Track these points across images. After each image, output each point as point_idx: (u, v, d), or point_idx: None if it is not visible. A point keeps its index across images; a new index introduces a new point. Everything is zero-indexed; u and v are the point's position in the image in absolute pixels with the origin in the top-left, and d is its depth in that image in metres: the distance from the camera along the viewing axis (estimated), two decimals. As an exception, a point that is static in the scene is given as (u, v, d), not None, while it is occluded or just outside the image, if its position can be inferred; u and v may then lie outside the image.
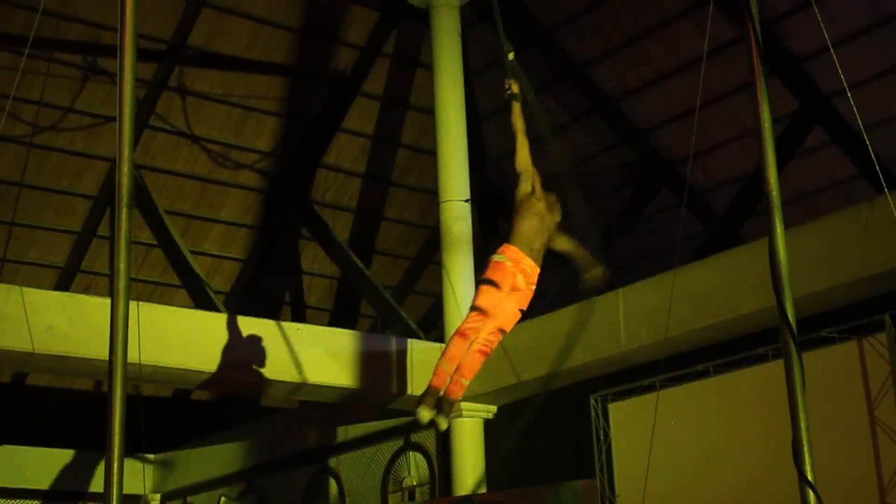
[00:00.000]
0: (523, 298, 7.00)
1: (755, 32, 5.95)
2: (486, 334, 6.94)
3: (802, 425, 5.48)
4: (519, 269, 6.93)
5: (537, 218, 7.04)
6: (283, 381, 11.57)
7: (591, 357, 11.09)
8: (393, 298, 14.56)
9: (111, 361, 5.18)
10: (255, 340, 11.40)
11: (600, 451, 11.24)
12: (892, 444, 9.11)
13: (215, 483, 15.76)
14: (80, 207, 14.88)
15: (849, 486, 9.04)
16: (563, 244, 7.23)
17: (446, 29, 13.42)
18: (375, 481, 13.68)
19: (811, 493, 5.39)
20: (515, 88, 7.16)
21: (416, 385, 12.07)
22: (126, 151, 5.43)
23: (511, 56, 7.30)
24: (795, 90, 13.14)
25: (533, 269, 6.98)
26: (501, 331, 7.00)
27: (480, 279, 7.02)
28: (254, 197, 15.72)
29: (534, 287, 7.00)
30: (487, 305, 6.87)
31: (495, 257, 7.00)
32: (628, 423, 11.01)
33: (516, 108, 7.17)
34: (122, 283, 5.27)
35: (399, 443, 13.54)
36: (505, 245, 7.02)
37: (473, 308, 6.93)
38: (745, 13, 5.98)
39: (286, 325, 12.20)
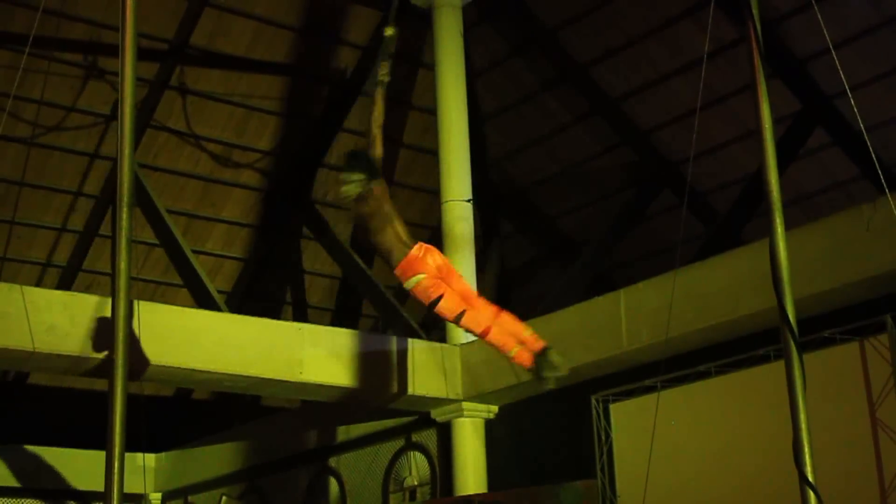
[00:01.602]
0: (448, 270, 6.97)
1: (756, 33, 5.96)
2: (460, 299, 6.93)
3: (803, 426, 5.48)
4: (422, 262, 6.88)
5: (384, 218, 6.99)
6: (284, 381, 11.57)
7: (593, 357, 11.08)
8: (394, 298, 14.55)
9: (112, 360, 5.18)
10: (257, 340, 11.40)
11: (601, 452, 11.24)
12: (894, 446, 9.11)
13: (216, 482, 15.76)
14: (81, 207, 14.90)
15: (850, 487, 9.03)
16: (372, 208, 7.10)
17: (448, 29, 13.41)
18: (376, 481, 13.68)
19: (812, 494, 5.40)
20: (384, 72, 6.93)
21: (417, 385, 12.06)
22: (127, 151, 5.44)
23: (390, 33, 6.96)
24: (797, 91, 13.14)
25: (423, 250, 6.92)
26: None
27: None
28: (255, 196, 15.73)
29: (408, 284, 6.93)
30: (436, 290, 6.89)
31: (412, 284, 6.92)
32: (629, 424, 11.00)
33: (382, 94, 7.01)
34: (122, 282, 5.28)
35: (400, 443, 13.54)
36: (397, 272, 6.95)
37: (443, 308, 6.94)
38: (747, 14, 5.98)
39: (287, 324, 12.19)
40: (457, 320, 6.89)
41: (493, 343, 6.89)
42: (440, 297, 6.82)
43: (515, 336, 6.85)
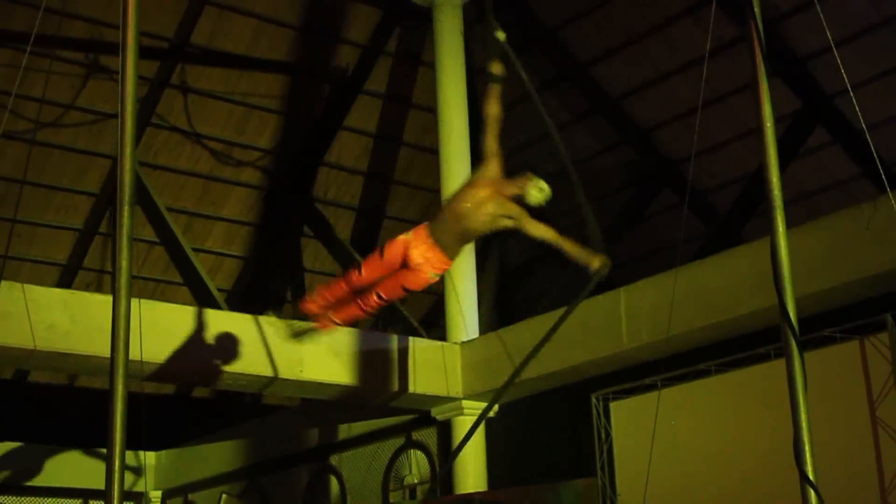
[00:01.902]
0: (413, 278, 6.81)
1: (757, 32, 5.95)
2: (367, 293, 6.93)
3: (804, 425, 5.48)
4: (417, 246, 6.75)
5: (469, 205, 6.72)
6: (284, 379, 11.57)
7: (593, 356, 11.09)
8: (394, 297, 14.53)
9: (113, 359, 5.18)
10: (257, 338, 11.40)
11: (601, 450, 11.24)
12: (894, 444, 9.11)
13: (217, 480, 15.77)
14: (82, 205, 14.90)
15: (850, 486, 9.03)
16: (539, 231, 6.86)
17: (448, 27, 13.42)
18: (377, 479, 13.69)
19: (812, 493, 5.39)
20: (497, 70, 6.92)
21: (417, 383, 12.07)
22: (128, 149, 5.43)
23: (500, 36, 7.04)
24: (798, 90, 13.13)
25: (435, 254, 6.75)
26: (380, 296, 6.92)
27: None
28: (256, 195, 15.73)
29: (430, 274, 6.81)
30: (365, 269, 6.91)
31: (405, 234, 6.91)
32: (630, 422, 11.01)
33: (495, 90, 6.96)
34: (123, 280, 5.27)
35: (400, 441, 13.55)
36: (422, 225, 6.85)
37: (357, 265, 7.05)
38: (748, 12, 5.98)
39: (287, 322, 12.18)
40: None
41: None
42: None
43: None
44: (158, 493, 16.45)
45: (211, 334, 11.06)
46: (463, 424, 12.40)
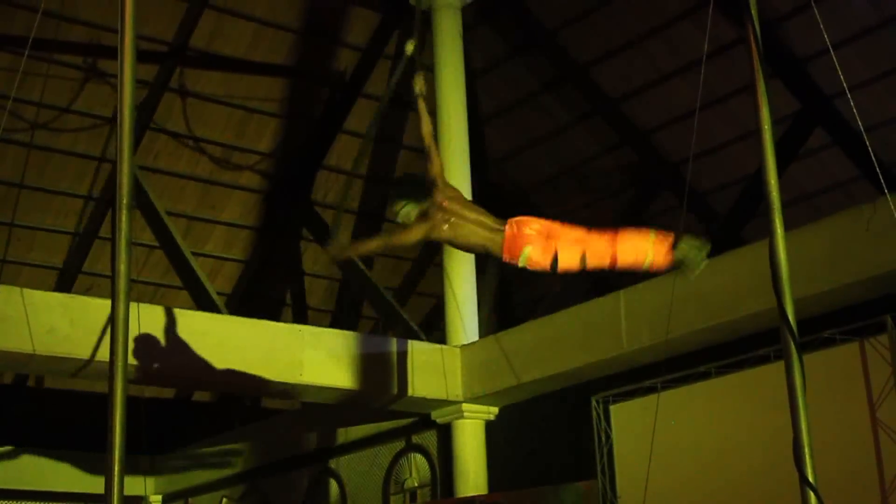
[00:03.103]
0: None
1: (755, 33, 5.94)
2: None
3: (803, 427, 5.47)
4: (522, 236, 6.63)
5: (462, 221, 6.66)
6: (284, 383, 11.56)
7: (593, 358, 11.08)
8: (394, 300, 14.55)
9: (112, 362, 5.18)
10: (257, 342, 11.39)
11: (602, 453, 11.24)
12: (894, 446, 9.10)
13: (217, 484, 15.75)
14: (80, 209, 14.90)
15: (850, 488, 9.03)
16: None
17: (448, 30, 13.42)
18: (377, 483, 13.67)
19: (812, 495, 5.38)
20: (419, 86, 6.78)
21: (417, 386, 12.06)
22: (126, 153, 5.43)
23: (410, 48, 6.96)
24: (797, 91, 13.14)
25: (515, 226, 6.65)
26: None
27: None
28: (255, 198, 15.73)
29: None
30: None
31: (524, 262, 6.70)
32: (630, 425, 11.00)
33: (423, 105, 6.65)
34: (122, 284, 5.27)
35: (400, 444, 13.54)
36: (506, 259, 6.71)
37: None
38: (745, 15, 5.97)
39: (287, 326, 12.19)
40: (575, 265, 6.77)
41: (625, 267, 6.75)
42: (556, 257, 6.73)
43: (643, 245, 6.69)
44: (159, 498, 16.43)
45: (210, 338, 11.05)
46: (463, 428, 12.40)
